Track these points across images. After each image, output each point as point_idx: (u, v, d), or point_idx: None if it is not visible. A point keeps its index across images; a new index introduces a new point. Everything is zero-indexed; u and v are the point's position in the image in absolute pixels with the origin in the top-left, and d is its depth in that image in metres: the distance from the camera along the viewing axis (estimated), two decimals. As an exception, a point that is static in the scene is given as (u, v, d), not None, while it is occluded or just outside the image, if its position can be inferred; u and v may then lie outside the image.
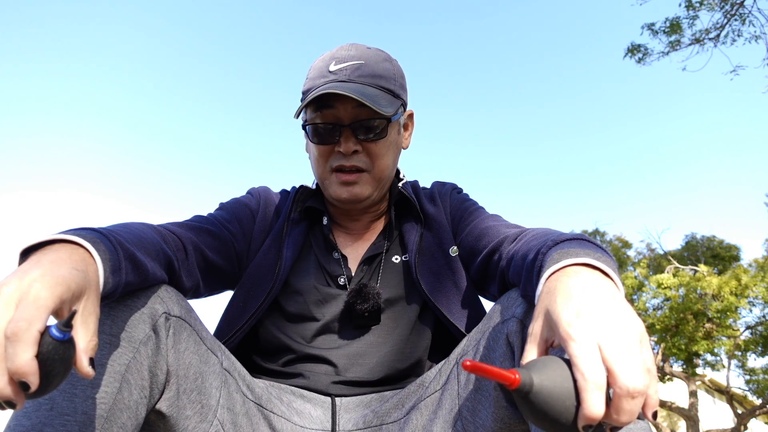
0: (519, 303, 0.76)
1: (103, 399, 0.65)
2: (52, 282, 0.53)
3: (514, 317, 0.75)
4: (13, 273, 0.55)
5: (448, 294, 1.01)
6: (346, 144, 0.99)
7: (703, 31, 7.33)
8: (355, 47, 1.03)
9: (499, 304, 0.81)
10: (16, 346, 0.49)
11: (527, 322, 0.73)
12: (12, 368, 0.49)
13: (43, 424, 0.61)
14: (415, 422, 0.87)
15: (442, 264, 1.04)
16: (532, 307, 0.71)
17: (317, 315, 1.01)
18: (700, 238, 12.66)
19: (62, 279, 0.54)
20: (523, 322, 0.73)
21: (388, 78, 1.03)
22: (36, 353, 0.50)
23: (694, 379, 11.18)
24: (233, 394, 0.86)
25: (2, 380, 0.49)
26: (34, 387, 0.50)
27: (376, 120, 0.99)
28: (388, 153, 1.05)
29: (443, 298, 1.00)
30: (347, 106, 0.98)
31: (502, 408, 0.74)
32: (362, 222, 1.12)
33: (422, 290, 1.00)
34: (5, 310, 0.51)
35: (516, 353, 0.73)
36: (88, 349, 0.54)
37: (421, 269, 1.02)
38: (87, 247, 0.62)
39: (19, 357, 0.49)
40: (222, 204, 1.11)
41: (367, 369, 0.97)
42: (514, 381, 0.48)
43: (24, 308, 0.51)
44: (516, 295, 0.78)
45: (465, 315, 0.99)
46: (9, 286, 0.52)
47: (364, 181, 1.03)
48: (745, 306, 9.76)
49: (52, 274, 0.54)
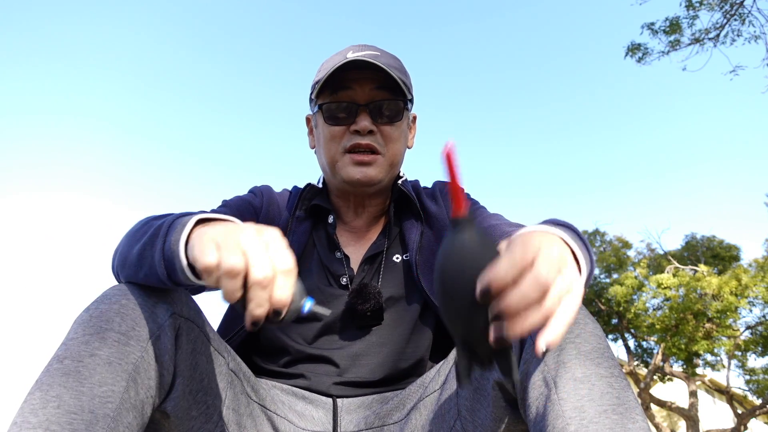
0: None
1: (110, 398, 0.65)
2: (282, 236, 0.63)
3: None
4: (235, 225, 0.64)
5: None
6: (363, 122, 1.01)
7: (702, 31, 7.33)
8: (368, 45, 1.06)
9: None
10: (287, 281, 0.59)
11: None
12: (278, 297, 0.59)
13: (49, 422, 0.61)
14: (414, 422, 0.87)
15: None
16: None
17: None
18: (700, 238, 12.64)
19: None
20: None
21: (402, 71, 1.07)
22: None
23: (694, 379, 11.17)
24: (239, 395, 0.86)
25: (267, 305, 0.59)
26: (282, 316, 0.60)
27: (393, 102, 1.03)
28: (401, 139, 1.08)
29: None
30: (365, 88, 1.02)
31: (501, 408, 0.74)
32: (365, 220, 1.12)
33: (422, 289, 1.00)
34: (264, 248, 0.60)
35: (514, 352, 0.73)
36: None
37: (422, 268, 1.02)
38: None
39: (287, 290, 0.59)
40: (225, 201, 1.11)
41: (369, 369, 0.97)
42: (462, 208, 0.50)
43: (287, 251, 0.61)
44: None
45: None
46: (250, 228, 0.62)
47: (378, 164, 1.04)
48: (745, 306, 9.75)
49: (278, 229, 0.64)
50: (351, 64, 0.99)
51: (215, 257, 0.59)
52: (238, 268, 0.58)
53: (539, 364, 0.69)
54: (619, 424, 0.61)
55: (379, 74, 1.01)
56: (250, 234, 0.61)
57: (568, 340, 0.69)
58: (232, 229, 0.62)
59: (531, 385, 0.68)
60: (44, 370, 0.66)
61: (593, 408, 0.62)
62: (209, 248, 0.60)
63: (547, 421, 0.63)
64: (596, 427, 0.60)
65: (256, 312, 0.58)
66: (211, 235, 0.62)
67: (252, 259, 0.58)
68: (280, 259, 0.60)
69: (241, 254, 0.59)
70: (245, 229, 0.62)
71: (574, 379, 0.65)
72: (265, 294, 0.58)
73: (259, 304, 0.58)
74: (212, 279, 0.60)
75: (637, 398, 0.66)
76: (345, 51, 1.04)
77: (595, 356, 0.67)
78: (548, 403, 0.65)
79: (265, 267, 0.58)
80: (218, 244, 0.60)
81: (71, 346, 0.67)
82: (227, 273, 0.58)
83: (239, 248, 0.59)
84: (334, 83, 1.02)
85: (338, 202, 1.13)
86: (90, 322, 0.69)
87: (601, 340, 0.70)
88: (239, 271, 0.58)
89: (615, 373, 0.66)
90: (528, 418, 0.68)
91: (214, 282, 0.60)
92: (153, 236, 0.73)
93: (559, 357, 0.67)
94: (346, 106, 1.02)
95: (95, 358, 0.66)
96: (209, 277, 0.60)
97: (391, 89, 1.03)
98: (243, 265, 0.58)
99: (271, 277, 0.58)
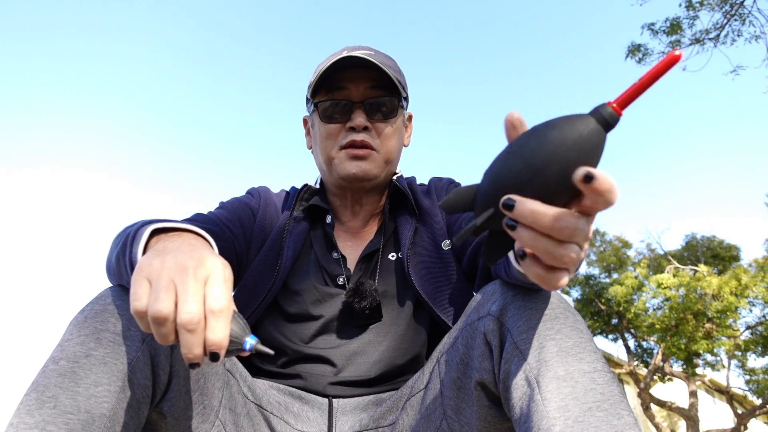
0: (495, 299, 0.75)
1: (106, 398, 0.65)
2: (228, 266, 0.60)
3: (490, 315, 0.74)
4: (177, 250, 0.60)
5: (440, 288, 1.01)
6: (358, 119, 1.02)
7: (703, 32, 7.33)
8: (363, 46, 1.08)
9: (477, 298, 0.80)
10: (220, 322, 0.55)
11: (503, 320, 0.72)
12: (212, 340, 0.54)
13: (46, 422, 0.61)
14: (402, 423, 0.87)
15: (434, 259, 1.04)
16: (508, 302, 0.72)
17: (316, 315, 1.01)
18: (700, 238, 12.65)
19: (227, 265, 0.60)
20: (500, 320, 0.72)
21: (397, 70, 1.08)
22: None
23: (694, 379, 11.16)
24: (235, 395, 0.86)
25: (198, 349, 0.54)
26: (220, 359, 0.56)
27: (387, 100, 1.05)
28: (396, 136, 1.09)
29: (435, 293, 1.00)
30: (360, 87, 1.03)
31: (485, 407, 0.74)
32: (362, 219, 1.13)
33: (414, 286, 1.00)
34: (197, 286, 0.56)
35: (494, 352, 0.72)
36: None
37: (413, 265, 1.02)
38: (208, 239, 0.72)
39: (221, 331, 0.55)
40: (222, 203, 1.11)
41: (365, 367, 0.97)
42: (623, 105, 0.45)
43: (222, 288, 0.57)
44: (492, 289, 0.77)
45: (455, 310, 0.99)
46: (190, 261, 0.58)
47: (373, 159, 1.05)
48: (745, 306, 9.75)
49: (223, 260, 0.60)
50: (346, 61, 1.00)
51: (143, 303, 0.56)
52: (164, 313, 0.54)
53: (521, 363, 0.68)
54: (605, 421, 0.60)
55: (373, 72, 1.03)
56: (187, 271, 0.56)
57: (549, 336, 0.68)
58: (171, 266, 0.57)
59: (513, 384, 0.68)
60: (40, 371, 0.66)
61: (577, 407, 0.62)
62: (141, 290, 0.56)
63: (531, 422, 0.63)
64: (581, 426, 0.60)
65: (188, 356, 0.54)
66: (147, 272, 0.57)
67: (180, 299, 0.55)
68: (213, 298, 0.55)
69: (171, 297, 0.55)
70: (184, 265, 0.57)
71: (556, 377, 0.64)
72: (194, 338, 0.54)
73: (189, 349, 0.54)
74: (143, 324, 0.57)
75: (623, 391, 0.65)
76: (340, 51, 1.05)
77: (576, 351, 0.67)
78: (532, 403, 0.64)
79: (192, 309, 0.54)
80: (151, 283, 0.57)
81: (67, 347, 0.67)
82: (154, 320, 0.55)
83: (171, 290, 0.55)
84: (330, 82, 1.04)
85: (335, 201, 1.13)
86: (85, 323, 0.69)
87: (582, 333, 0.69)
88: (166, 316, 0.54)
89: (598, 367, 0.66)
90: (513, 418, 0.68)
91: (144, 327, 0.57)
92: (123, 245, 0.73)
93: (540, 355, 0.67)
94: (341, 103, 1.04)
95: (91, 359, 0.66)
96: (140, 321, 0.57)
97: (385, 87, 1.05)
98: (169, 310, 0.54)
99: (198, 320, 0.54)
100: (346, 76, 1.03)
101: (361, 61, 0.99)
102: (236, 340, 0.59)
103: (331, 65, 1.00)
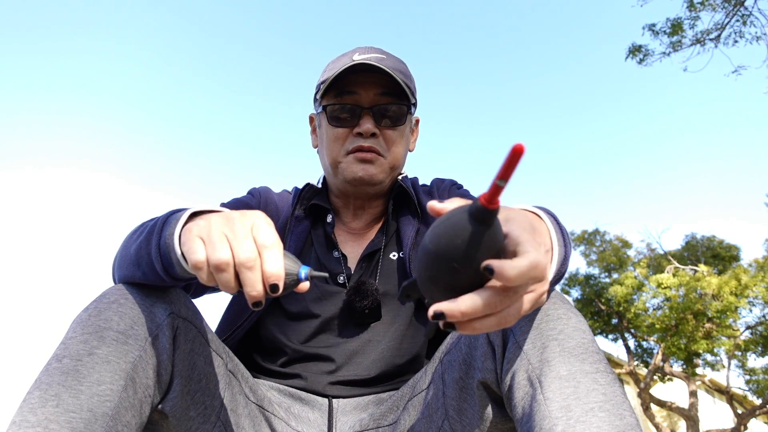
0: None
1: (109, 397, 0.65)
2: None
3: None
4: (220, 213, 0.66)
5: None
6: (366, 125, 1.02)
7: (704, 32, 7.33)
8: (374, 48, 1.07)
9: None
10: (273, 254, 0.60)
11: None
12: (270, 271, 0.60)
13: (48, 420, 0.61)
14: (404, 423, 0.87)
15: None
16: None
17: (316, 313, 1.01)
18: (700, 238, 12.63)
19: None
20: None
21: (407, 75, 1.07)
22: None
23: (694, 379, 11.17)
24: (236, 395, 0.87)
25: (260, 285, 0.60)
26: (280, 291, 0.61)
27: (396, 107, 1.04)
28: (403, 143, 1.09)
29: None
30: (369, 91, 1.03)
31: (487, 407, 0.74)
32: (364, 220, 1.13)
33: None
34: (245, 230, 0.61)
35: (497, 352, 0.73)
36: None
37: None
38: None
39: (276, 263, 0.60)
40: (223, 204, 1.11)
41: (365, 366, 0.97)
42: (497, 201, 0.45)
43: (268, 227, 0.62)
44: None
45: None
46: (233, 213, 0.64)
47: (380, 164, 1.05)
48: (745, 306, 9.75)
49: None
50: (357, 66, 0.99)
51: (203, 254, 0.61)
52: (225, 260, 0.59)
53: (523, 363, 0.68)
54: (606, 421, 0.60)
55: (383, 78, 1.02)
56: (234, 220, 0.62)
57: (551, 336, 0.68)
58: (218, 221, 0.63)
59: (516, 384, 0.68)
60: (43, 369, 0.66)
61: (579, 407, 0.62)
62: (196, 245, 0.62)
63: (534, 421, 0.63)
64: (583, 427, 0.60)
65: (251, 293, 0.60)
66: (197, 231, 0.63)
67: (234, 244, 0.60)
68: (262, 237, 0.61)
69: (226, 245, 0.60)
70: (230, 217, 0.63)
71: (558, 377, 0.64)
72: (254, 274, 0.59)
73: (252, 286, 0.59)
74: (204, 275, 0.61)
75: (624, 392, 0.65)
76: (351, 53, 1.04)
77: (579, 352, 0.67)
78: (534, 403, 0.64)
79: (248, 248, 0.60)
80: (204, 238, 0.62)
81: (70, 345, 0.67)
82: (216, 267, 0.60)
83: (224, 239, 0.61)
84: (339, 85, 1.03)
85: (338, 203, 1.13)
86: (88, 321, 0.69)
87: (585, 334, 0.69)
88: (227, 262, 0.60)
89: (600, 368, 0.66)
90: (515, 417, 0.68)
91: (206, 278, 0.62)
92: (149, 234, 0.74)
93: (542, 355, 0.67)
94: (350, 108, 1.03)
95: (94, 357, 0.66)
96: (201, 273, 0.61)
97: (395, 94, 1.04)
98: (229, 256, 0.60)
99: (255, 256, 0.60)
100: (356, 80, 1.02)
101: (372, 66, 0.99)
102: (291, 272, 0.63)
103: (342, 70, 0.99)
